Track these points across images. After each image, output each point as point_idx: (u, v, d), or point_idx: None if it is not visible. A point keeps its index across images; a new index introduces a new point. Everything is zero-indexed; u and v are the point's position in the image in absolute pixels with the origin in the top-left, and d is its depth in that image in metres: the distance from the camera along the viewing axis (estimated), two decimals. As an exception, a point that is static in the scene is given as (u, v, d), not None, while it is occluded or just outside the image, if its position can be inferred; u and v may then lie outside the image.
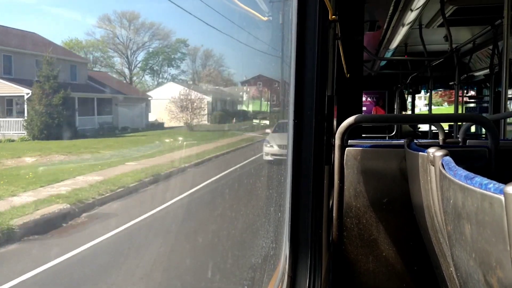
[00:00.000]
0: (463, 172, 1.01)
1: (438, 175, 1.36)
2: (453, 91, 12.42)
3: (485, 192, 0.83)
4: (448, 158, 1.28)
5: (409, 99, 15.94)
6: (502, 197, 0.75)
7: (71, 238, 6.11)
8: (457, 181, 1.02)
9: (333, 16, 1.80)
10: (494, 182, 0.82)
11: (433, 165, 1.46)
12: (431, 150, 1.47)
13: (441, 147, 1.65)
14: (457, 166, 1.12)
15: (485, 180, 0.85)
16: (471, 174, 0.94)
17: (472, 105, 14.17)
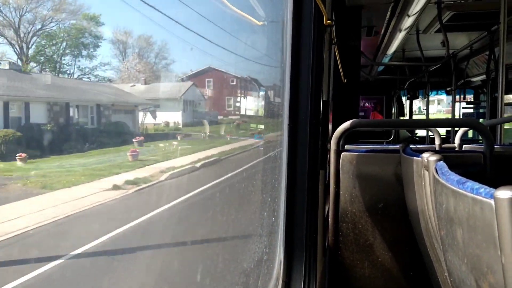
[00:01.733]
0: (455, 176, 1.01)
1: (431, 180, 1.36)
2: None
3: (476, 196, 0.83)
4: (441, 163, 1.28)
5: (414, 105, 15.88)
6: (492, 202, 0.75)
7: None
8: (449, 185, 1.02)
9: (328, 21, 1.80)
10: (485, 186, 0.82)
11: (427, 170, 1.46)
12: (425, 155, 1.47)
13: (436, 152, 1.65)
14: (450, 171, 1.12)
15: (477, 185, 0.85)
16: (463, 179, 0.94)
17: (469, 110, 14.19)
